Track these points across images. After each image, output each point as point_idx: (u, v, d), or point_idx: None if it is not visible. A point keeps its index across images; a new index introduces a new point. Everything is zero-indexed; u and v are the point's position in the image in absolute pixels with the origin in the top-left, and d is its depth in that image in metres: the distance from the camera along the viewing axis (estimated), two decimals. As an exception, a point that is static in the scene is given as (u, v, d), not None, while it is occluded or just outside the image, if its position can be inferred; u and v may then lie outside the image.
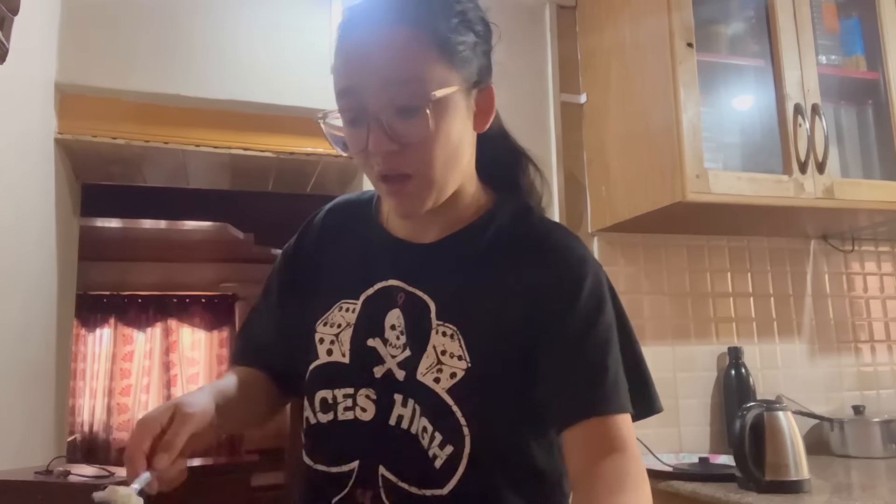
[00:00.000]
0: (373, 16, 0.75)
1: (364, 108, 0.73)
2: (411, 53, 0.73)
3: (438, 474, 0.76)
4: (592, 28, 2.02)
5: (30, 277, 1.55)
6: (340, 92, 0.75)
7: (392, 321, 0.81)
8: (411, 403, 0.78)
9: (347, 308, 0.84)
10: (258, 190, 2.23)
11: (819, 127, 1.70)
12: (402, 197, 0.77)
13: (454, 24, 0.76)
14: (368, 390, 0.80)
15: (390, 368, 0.80)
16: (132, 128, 1.74)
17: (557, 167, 1.97)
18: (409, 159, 0.74)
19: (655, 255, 1.98)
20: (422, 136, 0.73)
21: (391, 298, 0.82)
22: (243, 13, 1.81)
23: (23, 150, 1.46)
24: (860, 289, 2.16)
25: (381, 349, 0.81)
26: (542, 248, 0.81)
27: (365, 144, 0.73)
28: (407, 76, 0.72)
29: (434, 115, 0.72)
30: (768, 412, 1.44)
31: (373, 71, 0.72)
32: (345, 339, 0.82)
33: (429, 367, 0.77)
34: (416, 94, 0.72)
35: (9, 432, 1.42)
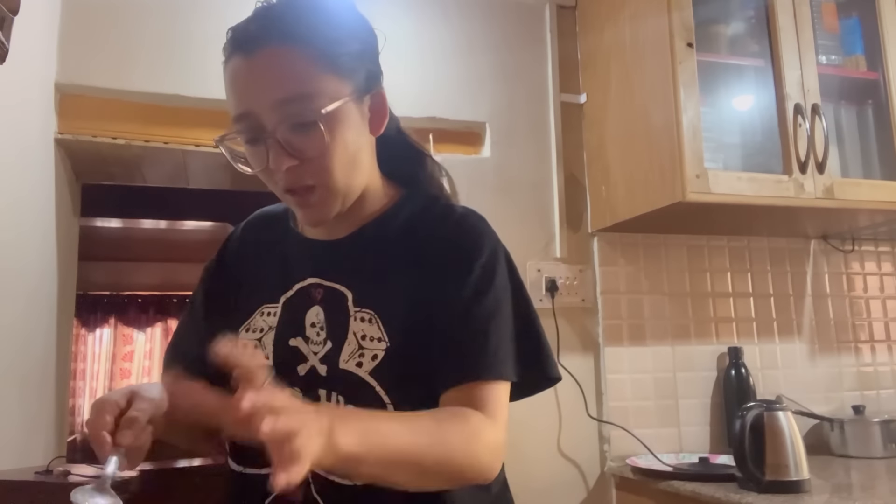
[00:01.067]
0: (255, 37, 0.77)
1: (261, 128, 0.76)
2: (297, 71, 0.75)
3: None
4: (592, 28, 2.02)
5: (30, 277, 1.55)
6: (236, 117, 0.78)
7: (312, 319, 0.84)
8: (334, 396, 0.80)
9: (268, 312, 0.86)
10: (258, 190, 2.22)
11: (819, 127, 1.70)
12: (308, 208, 0.81)
13: (335, 36, 0.79)
14: (293, 390, 0.79)
15: (313, 365, 0.82)
16: (132, 128, 1.74)
17: (557, 167, 1.97)
18: (310, 171, 0.77)
19: (655, 255, 1.98)
20: (318, 149, 0.76)
21: (310, 297, 0.85)
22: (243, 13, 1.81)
23: (23, 150, 1.46)
24: (860, 289, 2.16)
25: (303, 348, 0.83)
26: (445, 225, 0.85)
27: (266, 162, 0.77)
28: (296, 93, 0.75)
29: (328, 128, 0.75)
30: (768, 412, 1.44)
31: (263, 92, 0.75)
32: (267, 343, 0.84)
33: (351, 353, 0.80)
34: (308, 110, 0.75)
35: (9, 432, 1.42)
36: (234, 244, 0.98)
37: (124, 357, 6.01)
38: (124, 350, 6.02)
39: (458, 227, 0.85)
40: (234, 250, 0.97)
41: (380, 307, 0.81)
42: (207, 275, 0.98)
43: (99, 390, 5.88)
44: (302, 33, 0.77)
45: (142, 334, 6.07)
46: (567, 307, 1.89)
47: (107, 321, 6.01)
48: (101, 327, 6.00)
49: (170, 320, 6.07)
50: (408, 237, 0.86)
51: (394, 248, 0.85)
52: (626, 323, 1.92)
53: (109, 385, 5.90)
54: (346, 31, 0.81)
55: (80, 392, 5.82)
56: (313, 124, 0.75)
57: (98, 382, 5.90)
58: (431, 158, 0.96)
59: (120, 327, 6.04)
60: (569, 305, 1.90)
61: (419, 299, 0.81)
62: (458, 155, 1.91)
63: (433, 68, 1.93)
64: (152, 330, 6.10)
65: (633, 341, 1.91)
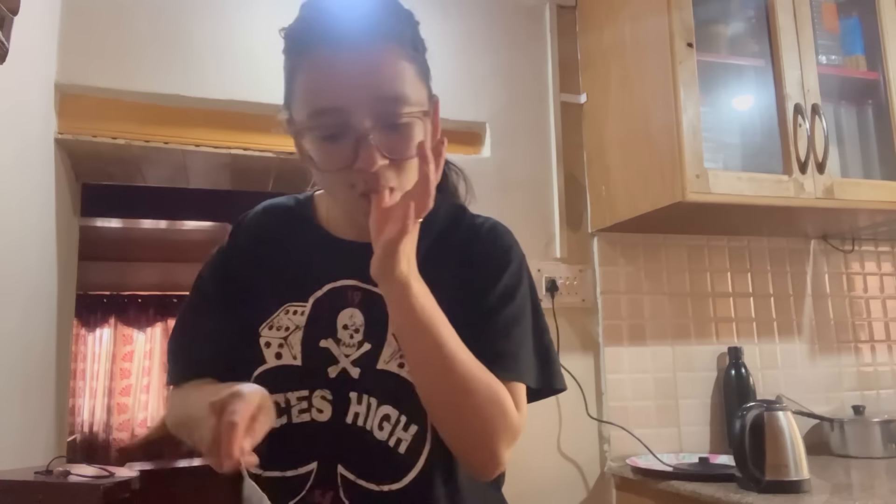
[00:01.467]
0: (346, 29, 0.74)
1: (347, 127, 0.74)
2: (399, 71, 0.75)
3: (401, 461, 0.78)
4: (592, 28, 2.02)
5: (30, 277, 1.55)
6: (322, 111, 0.75)
7: (344, 321, 0.83)
8: (366, 399, 0.80)
9: (295, 311, 0.84)
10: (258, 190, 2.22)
11: (819, 127, 1.70)
12: None
13: (414, 36, 0.79)
14: (324, 391, 0.80)
15: (345, 368, 0.81)
16: (132, 128, 1.74)
17: (557, 167, 1.97)
18: (396, 173, 0.76)
19: (655, 255, 1.98)
20: (411, 151, 0.75)
21: (344, 298, 0.84)
22: (244, 13, 1.81)
23: (23, 150, 1.46)
24: (860, 289, 2.16)
25: (334, 349, 0.82)
26: (477, 237, 0.88)
27: (348, 162, 0.74)
28: (397, 94, 0.74)
29: (420, 128, 0.76)
30: (768, 412, 1.44)
31: (360, 89, 0.73)
32: (294, 342, 0.82)
33: (391, 354, 0.80)
34: (405, 109, 0.75)
35: (9, 432, 1.42)
36: (247, 235, 0.92)
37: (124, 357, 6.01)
38: (124, 350, 6.02)
39: (490, 239, 0.88)
40: (248, 242, 0.91)
41: None
42: (217, 267, 0.92)
43: (99, 390, 5.88)
44: (395, 31, 0.76)
45: (142, 334, 6.07)
46: (567, 307, 1.89)
47: (107, 321, 6.01)
48: (101, 327, 6.00)
49: (170, 320, 6.06)
50: (444, 245, 0.87)
51: (431, 255, 0.85)
52: (626, 323, 1.92)
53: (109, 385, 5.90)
54: (418, 32, 0.81)
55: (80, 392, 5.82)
56: (407, 126, 0.75)
57: (98, 382, 5.90)
58: (453, 166, 0.98)
59: (120, 327, 6.04)
60: (569, 305, 1.90)
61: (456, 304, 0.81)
62: (458, 155, 1.91)
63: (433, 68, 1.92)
64: (152, 330, 6.09)
65: (633, 341, 1.91)
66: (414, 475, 0.78)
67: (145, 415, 5.90)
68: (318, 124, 0.75)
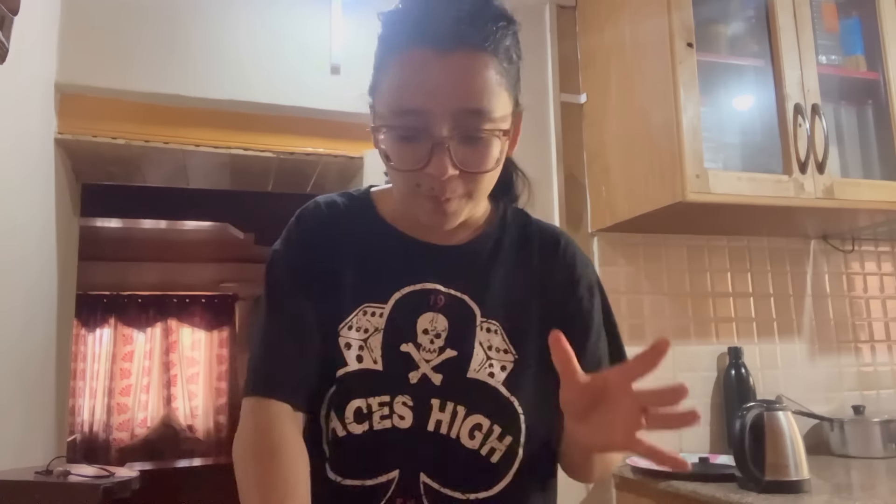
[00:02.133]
0: (451, 35, 0.72)
1: (426, 130, 0.72)
2: (488, 84, 0.73)
3: (493, 470, 0.78)
4: (592, 28, 2.02)
5: (30, 277, 1.55)
6: (404, 111, 0.73)
7: (424, 325, 0.80)
8: (450, 407, 0.78)
9: (374, 312, 0.81)
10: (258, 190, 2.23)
11: (819, 127, 1.70)
12: (442, 214, 0.77)
13: (510, 49, 0.76)
14: (405, 397, 0.78)
15: (425, 373, 0.79)
16: (132, 128, 1.74)
17: (557, 167, 1.97)
18: (465, 183, 0.75)
19: (655, 255, 1.98)
20: (486, 165, 0.75)
21: (423, 301, 0.81)
22: (243, 13, 1.81)
23: (23, 150, 1.46)
24: (860, 289, 2.16)
25: (414, 354, 0.79)
26: (558, 251, 0.89)
27: (422, 164, 0.73)
28: (481, 107, 0.73)
29: (499, 144, 0.75)
30: (768, 412, 1.44)
31: (449, 96, 0.72)
32: (375, 345, 0.79)
33: (480, 363, 0.79)
34: (485, 125, 0.73)
35: (9, 432, 1.42)
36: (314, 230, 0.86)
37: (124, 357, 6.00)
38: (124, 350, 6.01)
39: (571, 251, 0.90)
40: (319, 237, 0.85)
41: (503, 318, 0.82)
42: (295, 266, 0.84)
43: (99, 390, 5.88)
44: (490, 42, 0.73)
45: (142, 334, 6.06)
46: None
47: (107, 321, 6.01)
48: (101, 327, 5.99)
49: (170, 320, 6.07)
50: (520, 251, 0.88)
51: (509, 261, 0.86)
52: (626, 323, 1.92)
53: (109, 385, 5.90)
54: (516, 51, 0.78)
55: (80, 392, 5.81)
56: (485, 141, 0.74)
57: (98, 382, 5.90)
58: (522, 175, 0.98)
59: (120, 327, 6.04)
60: (569, 305, 1.89)
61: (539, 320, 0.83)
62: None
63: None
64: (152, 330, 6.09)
65: (633, 341, 1.88)
66: (506, 483, 0.78)
67: (145, 415, 5.90)
68: (399, 123, 0.74)
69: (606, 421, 0.66)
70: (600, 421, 0.66)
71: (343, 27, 1.85)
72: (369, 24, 0.83)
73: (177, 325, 6.07)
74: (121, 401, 5.90)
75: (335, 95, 1.84)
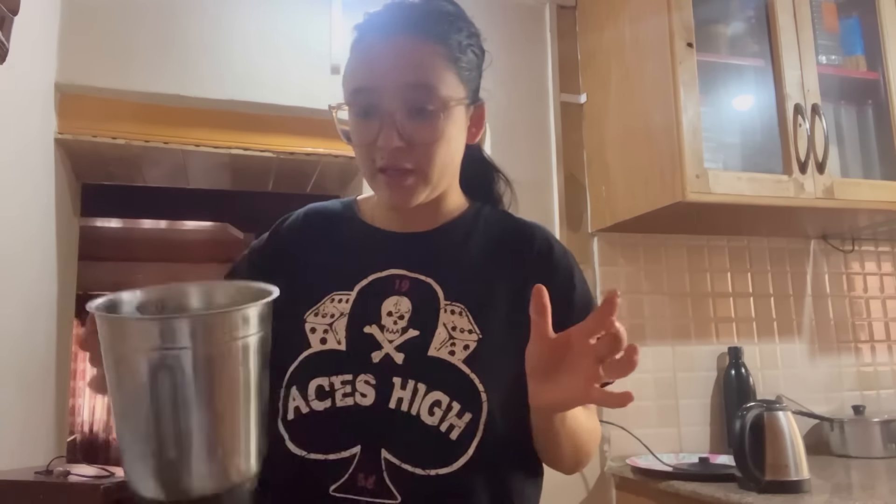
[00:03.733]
0: (393, 24, 0.83)
1: (377, 106, 0.81)
2: (429, 63, 0.82)
3: (452, 446, 0.79)
4: (592, 28, 2.02)
5: (30, 277, 1.55)
6: (357, 89, 0.83)
7: (389, 308, 0.85)
8: (411, 385, 0.81)
9: (340, 299, 0.86)
10: (258, 190, 2.23)
11: (819, 127, 1.70)
12: (397, 189, 0.84)
13: (463, 43, 0.86)
14: (367, 376, 0.81)
15: (388, 353, 0.82)
16: (132, 128, 1.74)
17: (557, 167, 1.97)
18: (413, 156, 0.82)
19: (655, 255, 1.98)
20: (430, 137, 0.81)
21: (388, 286, 0.86)
22: (244, 13, 1.81)
23: (23, 150, 1.46)
24: (860, 289, 2.16)
25: (378, 335, 0.83)
26: (532, 239, 0.92)
27: (374, 138, 0.81)
28: (423, 82, 0.81)
29: (443, 120, 0.82)
30: (768, 412, 1.44)
31: (392, 74, 0.81)
32: (339, 328, 0.84)
33: (442, 342, 0.82)
34: (430, 99, 0.81)
35: (8, 432, 1.42)
36: (292, 230, 0.96)
37: (124, 357, 6.01)
38: (124, 350, 6.02)
39: (547, 242, 0.93)
40: (294, 236, 0.95)
41: (469, 301, 0.85)
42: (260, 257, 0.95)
43: (99, 390, 5.88)
44: (438, 33, 0.83)
45: (142, 334, 6.07)
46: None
47: (107, 321, 6.01)
48: (101, 327, 6.00)
49: (170, 320, 6.07)
50: (492, 240, 0.92)
51: (479, 248, 0.91)
52: (626, 323, 1.89)
53: (109, 385, 5.90)
54: (469, 42, 0.88)
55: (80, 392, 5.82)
56: (431, 113, 0.81)
57: (98, 382, 5.91)
58: (504, 177, 1.03)
59: (120, 327, 6.04)
60: (569, 305, 1.89)
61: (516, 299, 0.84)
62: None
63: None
64: (152, 330, 6.09)
65: (632, 341, 1.90)
66: (465, 461, 0.79)
67: (145, 415, 5.91)
68: (354, 101, 0.83)
69: (567, 376, 0.72)
70: (562, 377, 0.72)
71: (343, 27, 1.85)
72: (369, 24, 0.86)
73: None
74: (121, 401, 5.90)
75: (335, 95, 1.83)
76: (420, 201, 0.85)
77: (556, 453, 0.85)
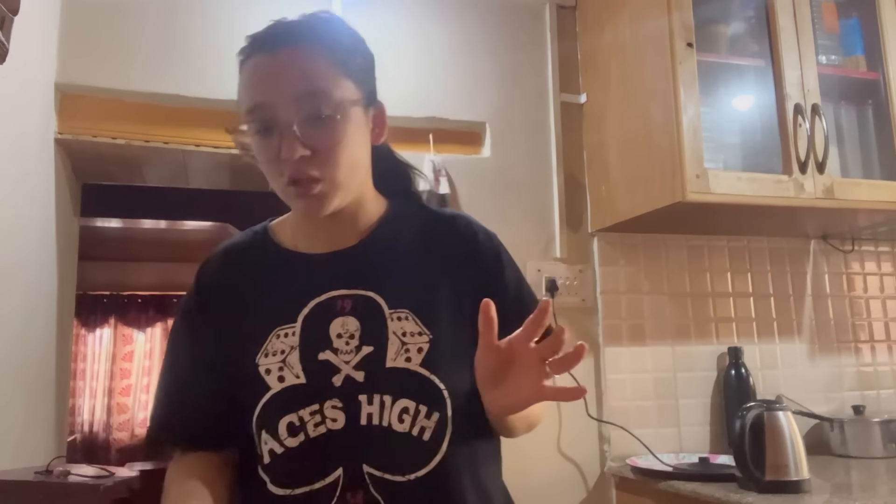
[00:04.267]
0: (276, 39, 0.83)
1: (275, 121, 0.81)
2: (319, 68, 0.82)
3: (426, 448, 0.82)
4: (592, 28, 2.02)
5: (30, 277, 1.55)
6: (252, 108, 0.83)
7: (337, 330, 0.85)
8: (377, 399, 0.82)
9: (286, 333, 0.86)
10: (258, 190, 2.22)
11: (819, 127, 1.70)
12: (309, 198, 0.83)
13: (348, 47, 0.87)
14: (333, 401, 0.82)
15: (348, 374, 0.83)
16: (132, 128, 1.74)
17: (557, 167, 1.97)
18: (318, 163, 0.81)
19: (655, 255, 1.98)
20: (331, 141, 0.81)
21: (331, 309, 0.86)
22: (243, 13, 1.81)
23: (23, 150, 1.46)
24: (860, 289, 2.16)
25: (333, 359, 0.84)
26: (456, 228, 0.94)
27: (277, 153, 0.80)
28: (316, 88, 0.81)
29: (341, 124, 0.81)
30: (768, 412, 1.44)
31: (284, 85, 0.81)
32: (293, 362, 0.84)
33: (396, 351, 0.84)
34: (326, 104, 0.81)
35: (8, 432, 1.42)
36: (213, 278, 0.95)
37: (124, 357, 6.01)
38: (124, 350, 6.02)
39: (469, 228, 0.94)
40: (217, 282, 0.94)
41: (412, 304, 0.86)
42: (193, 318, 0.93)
43: (99, 390, 5.88)
44: (322, 39, 0.84)
45: (142, 334, 6.07)
46: (567, 307, 1.89)
47: (107, 321, 6.01)
48: (101, 327, 6.00)
49: (170, 320, 6.06)
50: (419, 239, 0.92)
51: (407, 249, 0.91)
52: (625, 323, 1.92)
53: (109, 385, 5.90)
54: (355, 46, 0.89)
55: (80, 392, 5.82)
56: (329, 118, 0.81)
57: (98, 382, 5.90)
58: (418, 173, 1.04)
59: (120, 327, 6.04)
60: (569, 305, 1.90)
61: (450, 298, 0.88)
62: (458, 155, 1.91)
63: (433, 68, 1.93)
64: (152, 330, 6.09)
65: (632, 341, 1.91)
66: (438, 459, 0.82)
67: (145, 415, 5.90)
68: (251, 120, 0.83)
69: (516, 380, 0.76)
70: (511, 382, 0.76)
71: (343, 27, 1.85)
72: (369, 24, 0.85)
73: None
74: (121, 401, 5.91)
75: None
76: (335, 206, 0.85)
77: (510, 433, 0.90)
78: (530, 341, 0.74)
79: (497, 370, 0.77)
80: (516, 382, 0.76)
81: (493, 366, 0.77)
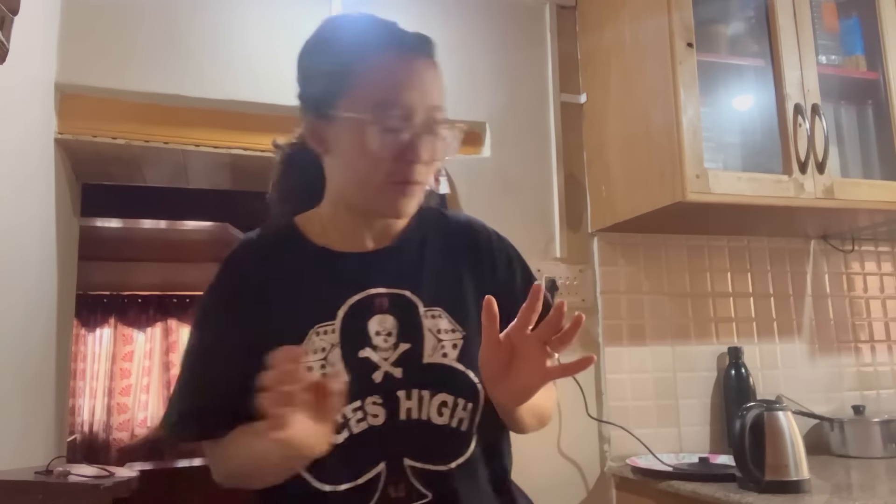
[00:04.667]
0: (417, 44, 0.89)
1: (410, 122, 0.85)
2: (440, 87, 0.89)
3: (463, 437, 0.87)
4: (592, 28, 2.02)
5: (30, 277, 1.55)
6: (387, 103, 0.84)
7: (375, 328, 0.88)
8: (416, 394, 0.86)
9: (325, 331, 0.87)
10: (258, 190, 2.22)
11: (819, 127, 1.70)
12: (408, 198, 0.87)
13: None
14: (374, 397, 0.85)
15: (387, 371, 0.86)
16: (132, 128, 1.74)
17: (557, 167, 1.97)
18: (426, 171, 0.87)
19: (655, 255, 1.98)
20: (438, 156, 0.87)
21: (369, 307, 0.89)
22: (243, 13, 1.81)
23: (23, 150, 1.46)
24: (860, 289, 2.16)
25: (373, 356, 0.87)
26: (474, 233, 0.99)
27: (399, 151, 0.84)
28: (440, 104, 0.88)
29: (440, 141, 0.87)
30: (768, 412, 1.44)
31: (426, 94, 0.86)
32: (335, 360, 0.86)
33: (433, 347, 0.88)
34: (442, 122, 0.87)
35: (8, 432, 1.42)
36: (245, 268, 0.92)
37: (124, 357, 6.01)
38: (124, 350, 6.02)
39: (485, 231, 1.01)
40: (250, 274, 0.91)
41: (445, 303, 0.91)
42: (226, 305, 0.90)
43: (99, 390, 5.88)
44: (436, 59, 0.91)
45: (142, 334, 6.07)
46: (567, 307, 1.89)
47: (107, 321, 6.01)
48: (101, 327, 6.00)
49: (170, 320, 6.07)
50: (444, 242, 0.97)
51: (435, 251, 0.96)
52: (625, 323, 1.92)
53: (109, 385, 5.90)
54: None
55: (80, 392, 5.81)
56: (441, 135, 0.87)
57: (98, 382, 5.90)
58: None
59: (120, 327, 6.04)
60: (569, 305, 1.88)
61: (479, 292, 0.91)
62: (458, 155, 1.91)
63: (433, 68, 1.92)
64: (152, 330, 6.09)
65: (632, 341, 1.91)
66: (474, 444, 0.88)
67: (145, 415, 5.90)
68: (384, 115, 0.84)
69: (522, 366, 0.78)
70: (516, 371, 0.79)
71: (343, 27, 1.85)
72: (369, 24, 0.86)
73: (177, 325, 6.07)
74: (121, 401, 5.90)
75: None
76: None
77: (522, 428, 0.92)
78: (527, 329, 0.77)
79: (500, 362, 0.79)
80: (521, 369, 0.78)
81: (495, 359, 0.79)
